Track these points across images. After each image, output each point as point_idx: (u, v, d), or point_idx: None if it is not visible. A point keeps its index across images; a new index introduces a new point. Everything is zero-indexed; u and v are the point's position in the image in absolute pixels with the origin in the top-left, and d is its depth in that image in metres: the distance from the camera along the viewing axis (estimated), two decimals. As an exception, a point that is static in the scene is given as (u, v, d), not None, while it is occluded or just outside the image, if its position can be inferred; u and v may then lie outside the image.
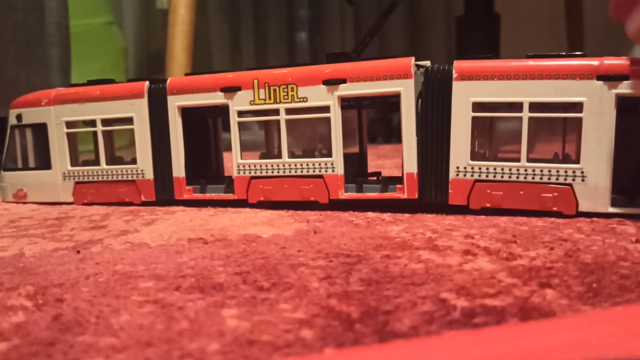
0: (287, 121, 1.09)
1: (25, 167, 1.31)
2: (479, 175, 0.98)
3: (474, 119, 0.97)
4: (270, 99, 1.09)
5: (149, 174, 1.21)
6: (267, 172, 1.13)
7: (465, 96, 0.96)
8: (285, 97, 1.07)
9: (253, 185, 1.14)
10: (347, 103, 1.13)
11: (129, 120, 1.21)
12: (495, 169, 0.97)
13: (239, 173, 1.14)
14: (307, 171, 1.10)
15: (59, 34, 2.84)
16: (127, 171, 1.22)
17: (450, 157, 0.99)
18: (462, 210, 1.01)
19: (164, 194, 1.20)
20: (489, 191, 0.98)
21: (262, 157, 1.17)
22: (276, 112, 1.09)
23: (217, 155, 1.35)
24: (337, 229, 0.92)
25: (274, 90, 1.08)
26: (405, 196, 1.03)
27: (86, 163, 1.29)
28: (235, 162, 1.14)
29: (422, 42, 3.46)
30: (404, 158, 1.02)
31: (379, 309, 0.56)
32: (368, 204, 1.10)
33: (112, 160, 1.27)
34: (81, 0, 2.87)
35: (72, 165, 1.27)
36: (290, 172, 1.11)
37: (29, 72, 2.50)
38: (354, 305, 0.57)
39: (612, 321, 0.46)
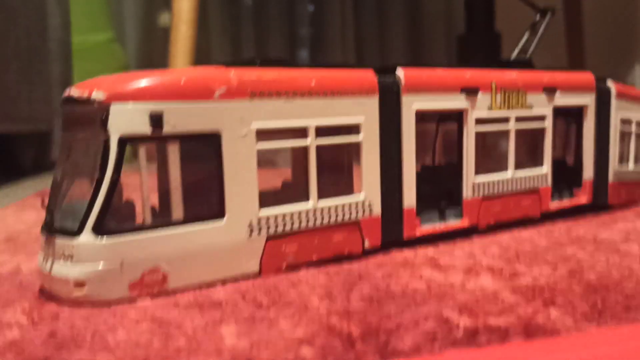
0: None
1: (166, 223, 0.69)
2: None
3: None
4: (505, 105, 0.99)
5: (377, 208, 0.86)
6: (495, 190, 1.00)
7: None
8: (517, 104, 1.01)
9: (484, 207, 0.98)
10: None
11: (354, 129, 0.83)
12: None
13: (473, 194, 0.97)
14: (528, 185, 1.04)
15: (61, 50, 2.86)
16: (345, 208, 0.82)
17: None
18: (465, 228, 1.00)
19: (390, 233, 0.88)
20: None
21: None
22: (505, 120, 1.00)
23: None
24: (337, 247, 0.92)
25: (508, 95, 0.99)
26: None
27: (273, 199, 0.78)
28: (470, 181, 0.96)
29: (422, 60, 3.49)
30: None
31: (380, 327, 0.55)
32: None
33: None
34: (83, 17, 2.89)
35: (264, 207, 0.75)
36: (514, 188, 1.02)
37: (30, 88, 2.51)
38: (354, 324, 0.56)
39: (617, 341, 0.45)
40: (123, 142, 0.65)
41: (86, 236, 0.64)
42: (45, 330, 0.56)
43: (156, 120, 0.66)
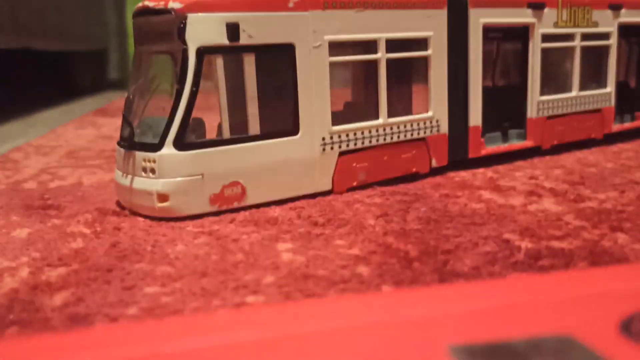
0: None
1: (244, 138, 0.68)
2: None
3: None
4: (570, 21, 0.96)
5: (444, 126, 0.84)
6: (560, 110, 0.97)
7: None
8: (583, 20, 0.98)
9: (549, 127, 0.96)
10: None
11: (422, 44, 0.81)
12: None
13: (537, 114, 0.94)
14: (591, 105, 1.02)
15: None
16: (414, 125, 0.81)
17: None
18: (526, 150, 0.96)
19: (456, 152, 0.87)
20: None
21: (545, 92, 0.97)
22: (571, 37, 0.97)
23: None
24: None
25: (574, 11, 0.96)
26: None
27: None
28: (535, 99, 0.94)
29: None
30: None
31: (438, 248, 0.54)
32: None
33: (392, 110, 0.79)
34: None
35: (336, 123, 0.74)
36: (578, 107, 1.00)
37: (85, 7, 2.51)
38: (411, 244, 0.55)
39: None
40: (201, 53, 0.64)
41: (168, 150, 0.64)
42: (107, 241, 0.58)
43: (233, 30, 0.65)
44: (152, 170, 0.65)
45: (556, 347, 0.26)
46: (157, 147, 0.65)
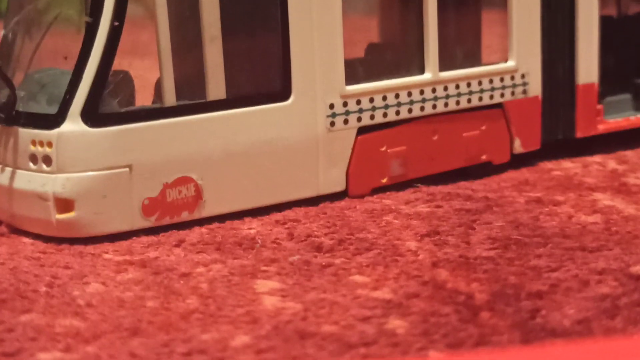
0: None
1: (200, 105, 0.70)
2: None
3: None
4: None
5: (535, 85, 0.87)
6: None
7: None
8: None
9: None
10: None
11: None
12: None
13: None
14: None
15: None
16: (484, 83, 0.83)
17: None
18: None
19: (556, 128, 0.89)
20: None
21: None
22: None
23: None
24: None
25: None
26: None
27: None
28: None
29: None
30: None
31: (522, 288, 0.56)
32: None
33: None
34: None
35: (352, 80, 0.77)
36: None
37: None
38: (478, 282, 0.57)
39: None
40: None
41: (73, 124, 0.65)
42: (-27, 277, 0.59)
43: None
44: (47, 160, 0.66)
45: None
46: (54, 119, 0.66)
